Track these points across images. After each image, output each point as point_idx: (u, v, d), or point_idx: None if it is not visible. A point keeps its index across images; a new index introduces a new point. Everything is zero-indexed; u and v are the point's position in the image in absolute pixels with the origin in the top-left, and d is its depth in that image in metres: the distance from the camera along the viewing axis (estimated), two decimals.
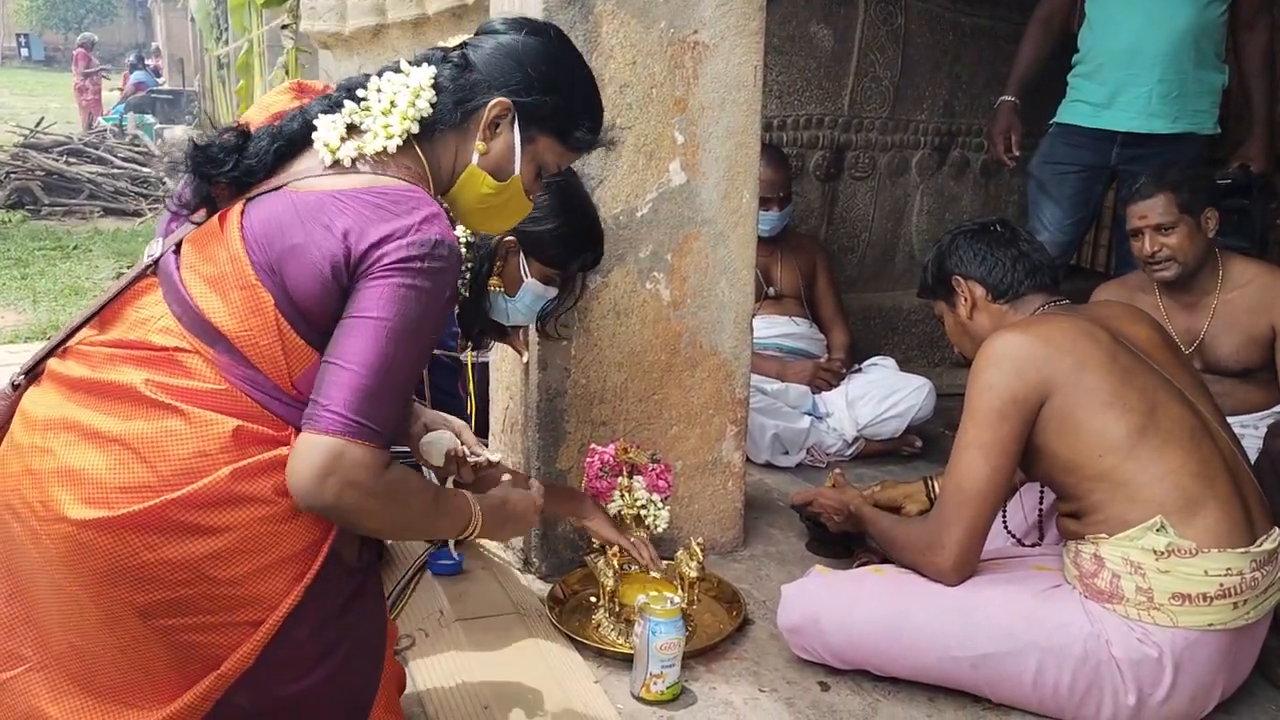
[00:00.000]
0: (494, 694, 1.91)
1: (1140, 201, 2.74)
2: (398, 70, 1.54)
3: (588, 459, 2.21)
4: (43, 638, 1.34)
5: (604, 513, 2.19)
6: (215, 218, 1.43)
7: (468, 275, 2.15)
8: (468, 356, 2.09)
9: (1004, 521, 2.23)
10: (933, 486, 2.52)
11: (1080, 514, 1.91)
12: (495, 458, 1.82)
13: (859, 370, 3.58)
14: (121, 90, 18.13)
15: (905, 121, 3.89)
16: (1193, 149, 3.36)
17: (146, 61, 19.51)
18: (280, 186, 1.42)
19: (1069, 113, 3.44)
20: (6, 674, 1.35)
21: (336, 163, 1.44)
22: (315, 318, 1.37)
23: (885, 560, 2.41)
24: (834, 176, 3.80)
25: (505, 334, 2.31)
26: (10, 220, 8.89)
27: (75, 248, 7.91)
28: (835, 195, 3.84)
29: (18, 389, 1.44)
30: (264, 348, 1.35)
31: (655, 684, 1.94)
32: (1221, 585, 1.79)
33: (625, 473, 2.20)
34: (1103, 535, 1.85)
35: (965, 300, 2.13)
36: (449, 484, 1.82)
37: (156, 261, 1.45)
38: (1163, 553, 1.79)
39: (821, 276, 3.66)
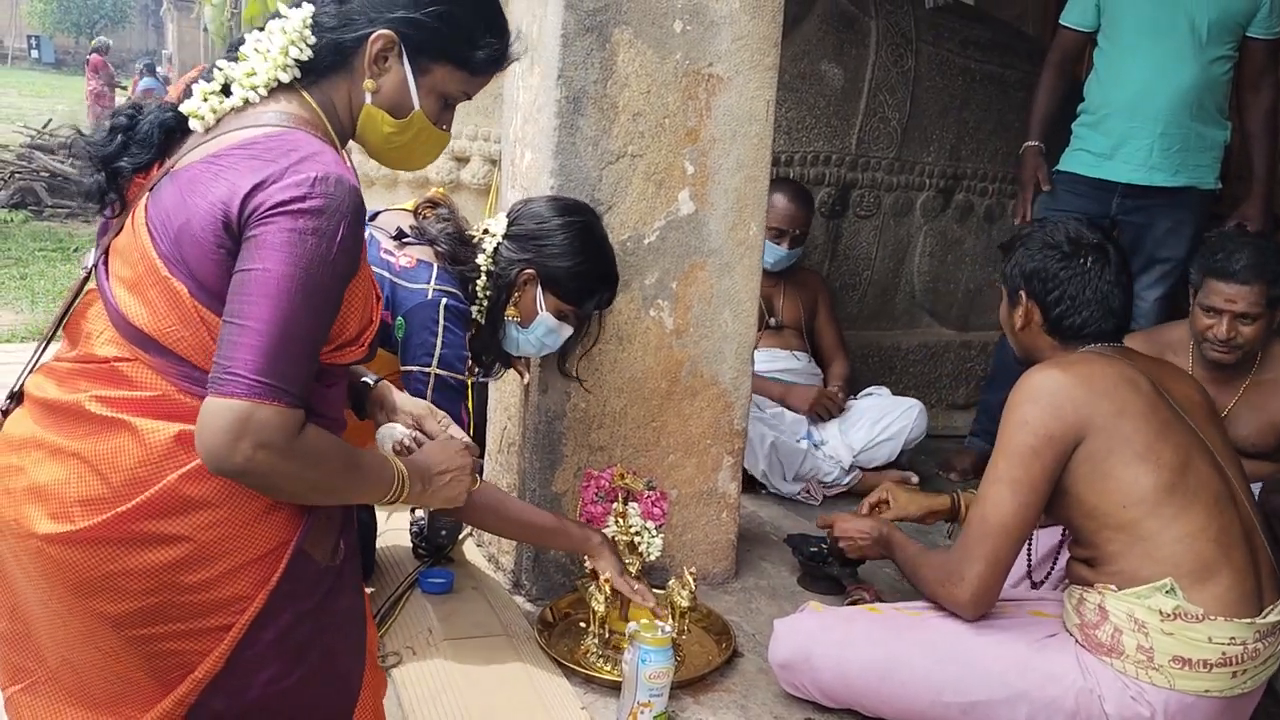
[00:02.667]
0: (480, 715, 1.90)
1: (1234, 284, 2.56)
2: (277, 16, 1.44)
3: (583, 483, 2.21)
4: (40, 652, 1.35)
5: (614, 553, 2.15)
6: (128, 214, 1.38)
7: (485, 303, 2.17)
8: (467, 378, 2.10)
9: (1029, 557, 2.16)
10: (960, 501, 2.39)
11: (1094, 562, 1.89)
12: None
13: (853, 398, 3.60)
14: (130, 97, 18.19)
15: (911, 163, 3.91)
16: (1193, 203, 3.39)
17: (157, 69, 19.57)
18: (170, 172, 1.36)
19: (1072, 161, 3.48)
20: (15, 687, 1.36)
21: (211, 129, 1.37)
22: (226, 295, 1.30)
23: (879, 598, 2.42)
24: (839, 214, 3.81)
25: (510, 361, 2.33)
26: (12, 220, 8.90)
27: (76, 250, 7.92)
28: (839, 232, 3.85)
29: (6, 413, 1.42)
30: (190, 340, 1.31)
31: (643, 713, 1.92)
32: (1224, 653, 1.77)
33: (621, 499, 2.20)
34: (1111, 587, 1.83)
35: (1022, 315, 2.05)
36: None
37: (92, 271, 1.41)
38: (1169, 615, 1.77)
39: (823, 310, 3.67)
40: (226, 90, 1.39)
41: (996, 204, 4.15)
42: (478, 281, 2.15)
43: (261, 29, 1.42)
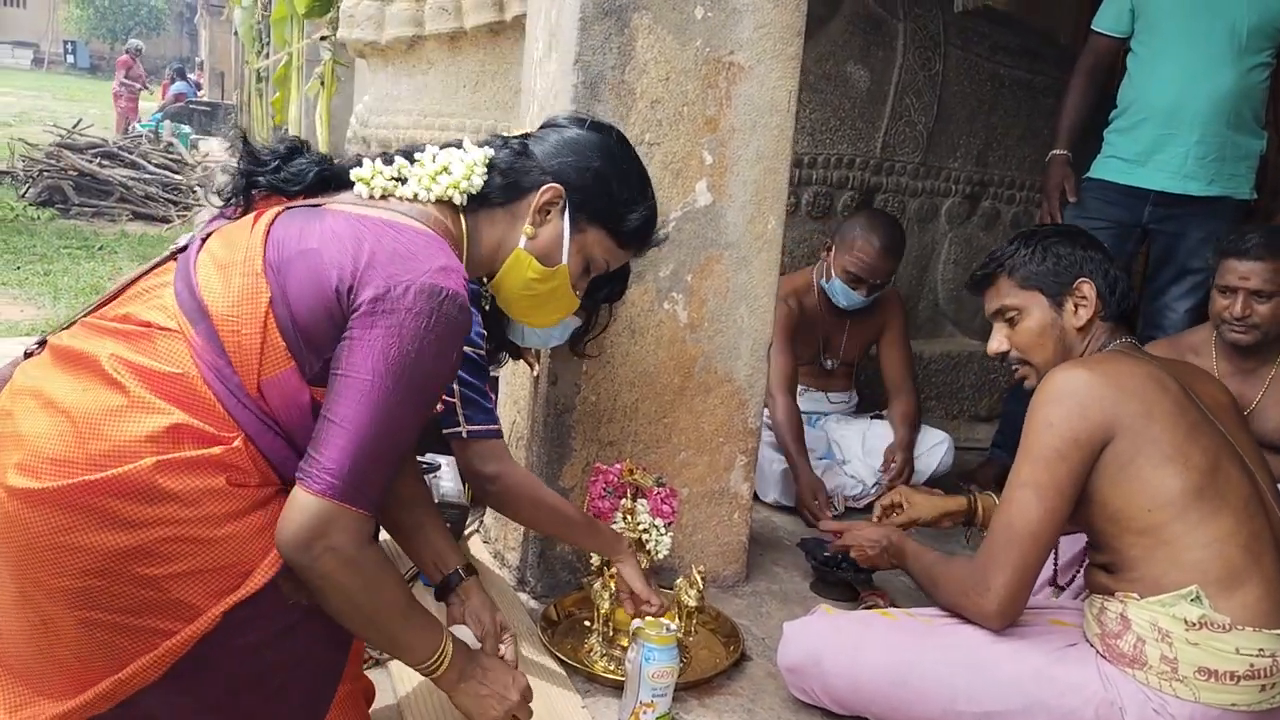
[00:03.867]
0: None
1: (1247, 261, 2.58)
2: (459, 146, 1.56)
3: (592, 477, 2.15)
4: None
5: (636, 561, 2.06)
6: (250, 215, 1.45)
7: (489, 290, 2.11)
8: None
9: (1055, 564, 2.11)
10: (976, 503, 2.29)
11: (1115, 568, 1.81)
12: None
13: (879, 416, 3.51)
14: (161, 100, 18.35)
15: (937, 168, 3.84)
16: (1227, 213, 3.31)
17: (189, 75, 19.75)
18: (317, 206, 1.44)
19: (1103, 168, 3.40)
20: None
21: (370, 198, 1.47)
22: (305, 329, 1.33)
23: (893, 604, 2.34)
24: None
25: (519, 352, 2.27)
26: (39, 217, 8.95)
27: (100, 248, 7.94)
28: None
29: (29, 355, 1.42)
30: (244, 338, 1.32)
31: (645, 713, 1.86)
32: (1252, 665, 1.69)
33: (629, 495, 2.14)
34: (1133, 596, 1.75)
35: (1086, 309, 1.94)
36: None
37: (183, 249, 1.44)
38: (1195, 624, 1.69)
39: (891, 332, 3.42)
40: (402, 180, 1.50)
41: (1024, 212, 4.08)
42: None
43: (413, 155, 1.53)
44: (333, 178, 1.50)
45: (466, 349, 1.99)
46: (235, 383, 1.31)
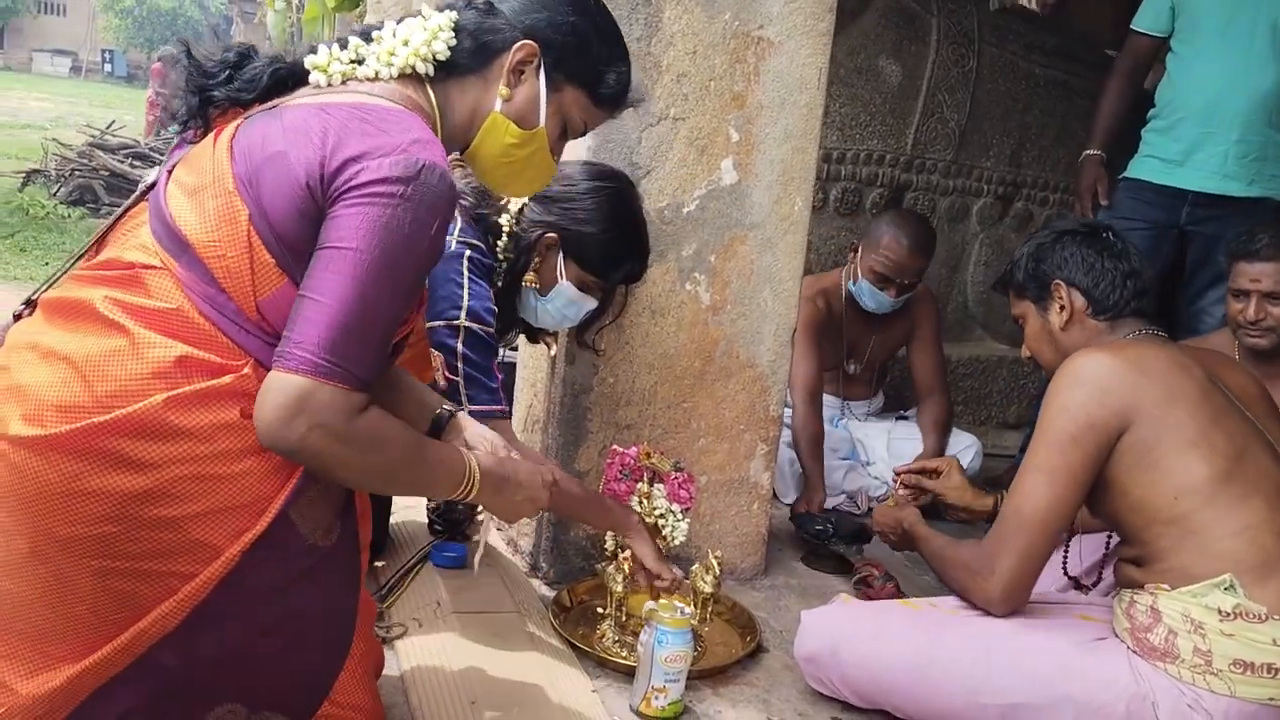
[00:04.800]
0: (482, 689, 1.78)
1: (1258, 263, 2.51)
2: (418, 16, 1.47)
3: (608, 459, 2.09)
4: None
5: (649, 537, 2.02)
6: (210, 136, 1.37)
7: (503, 265, 2.06)
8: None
9: (1064, 560, 2.06)
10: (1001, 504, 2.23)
11: (1143, 561, 1.75)
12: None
13: (904, 417, 3.43)
14: None
15: (969, 167, 3.77)
16: (1267, 214, 3.22)
17: None
18: (274, 107, 1.36)
19: (1140, 168, 3.32)
20: None
21: (329, 85, 1.39)
22: (288, 237, 1.28)
23: (888, 575, 2.36)
24: None
25: (535, 335, 2.22)
26: (70, 216, 9.01)
27: None
28: None
29: (18, 317, 1.38)
30: (231, 261, 1.26)
31: (657, 698, 1.80)
32: None
33: (646, 479, 2.07)
34: (1164, 587, 1.69)
35: (1062, 309, 1.95)
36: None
37: (153, 185, 1.38)
38: (1229, 614, 1.63)
39: (923, 332, 3.29)
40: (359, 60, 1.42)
41: (1057, 215, 4.00)
42: (499, 242, 2.05)
43: (369, 34, 1.44)
44: (289, 76, 1.42)
45: (474, 325, 1.94)
46: (232, 309, 1.26)
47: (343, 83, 1.40)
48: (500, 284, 2.07)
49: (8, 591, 1.22)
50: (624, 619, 2.04)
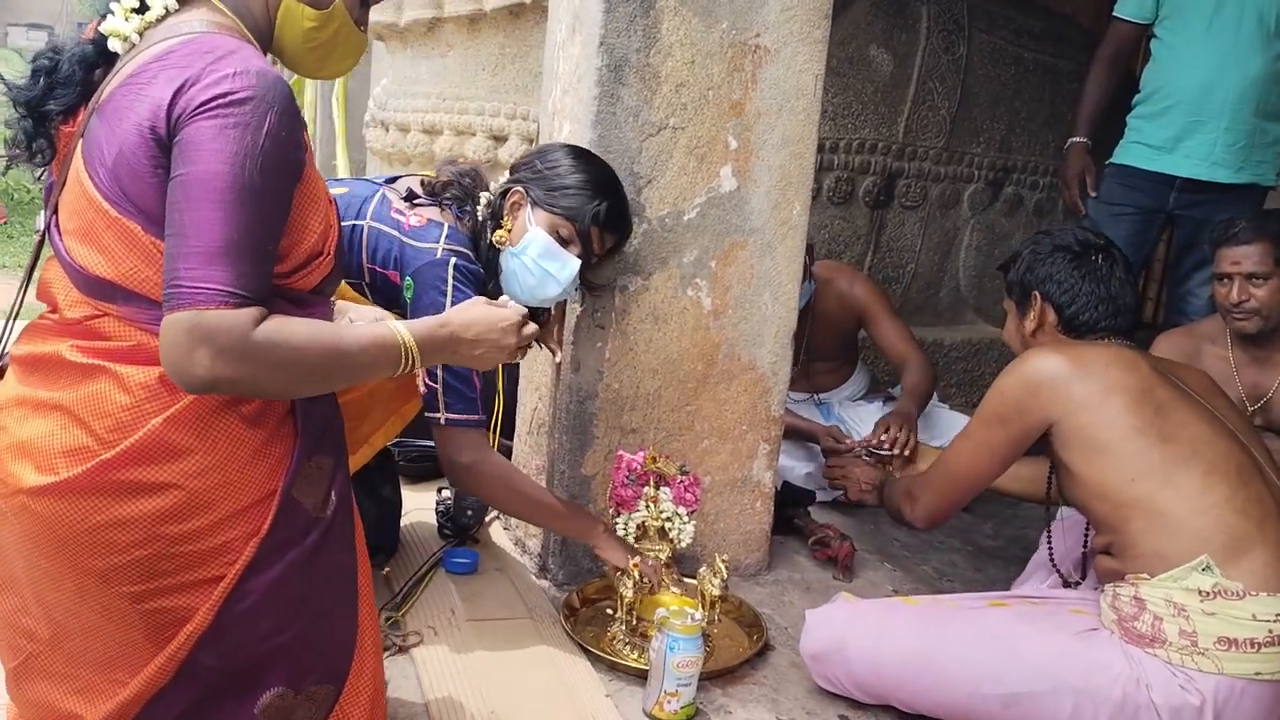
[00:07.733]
0: (501, 699, 1.83)
1: (1237, 246, 2.61)
2: None
3: (615, 465, 2.13)
4: (36, 625, 1.30)
5: (617, 540, 2.10)
6: (68, 166, 1.33)
7: (487, 234, 2.08)
8: None
9: (1049, 551, 2.17)
10: None
11: (1117, 549, 1.83)
12: None
13: (892, 398, 3.45)
14: None
15: (960, 153, 3.80)
16: (1254, 201, 3.27)
17: None
18: (99, 97, 1.32)
19: (1127, 154, 3.35)
20: (14, 663, 1.33)
21: (132, 48, 1.34)
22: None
23: (844, 537, 2.63)
24: (884, 204, 3.71)
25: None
26: None
27: None
28: (883, 223, 3.75)
29: None
30: (154, 279, 1.24)
31: (669, 703, 1.85)
32: (1271, 631, 1.70)
33: (652, 483, 2.12)
34: (1144, 576, 1.77)
35: (1034, 318, 2.08)
36: None
37: (45, 234, 1.36)
38: (1209, 593, 1.71)
39: (871, 309, 3.19)
40: (143, 8, 1.35)
41: (1047, 198, 4.04)
42: (488, 225, 2.08)
43: None
44: (99, 55, 1.37)
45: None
46: None
47: (140, 37, 1.34)
48: (484, 261, 2.07)
49: (72, 630, 1.28)
50: (634, 622, 2.08)
